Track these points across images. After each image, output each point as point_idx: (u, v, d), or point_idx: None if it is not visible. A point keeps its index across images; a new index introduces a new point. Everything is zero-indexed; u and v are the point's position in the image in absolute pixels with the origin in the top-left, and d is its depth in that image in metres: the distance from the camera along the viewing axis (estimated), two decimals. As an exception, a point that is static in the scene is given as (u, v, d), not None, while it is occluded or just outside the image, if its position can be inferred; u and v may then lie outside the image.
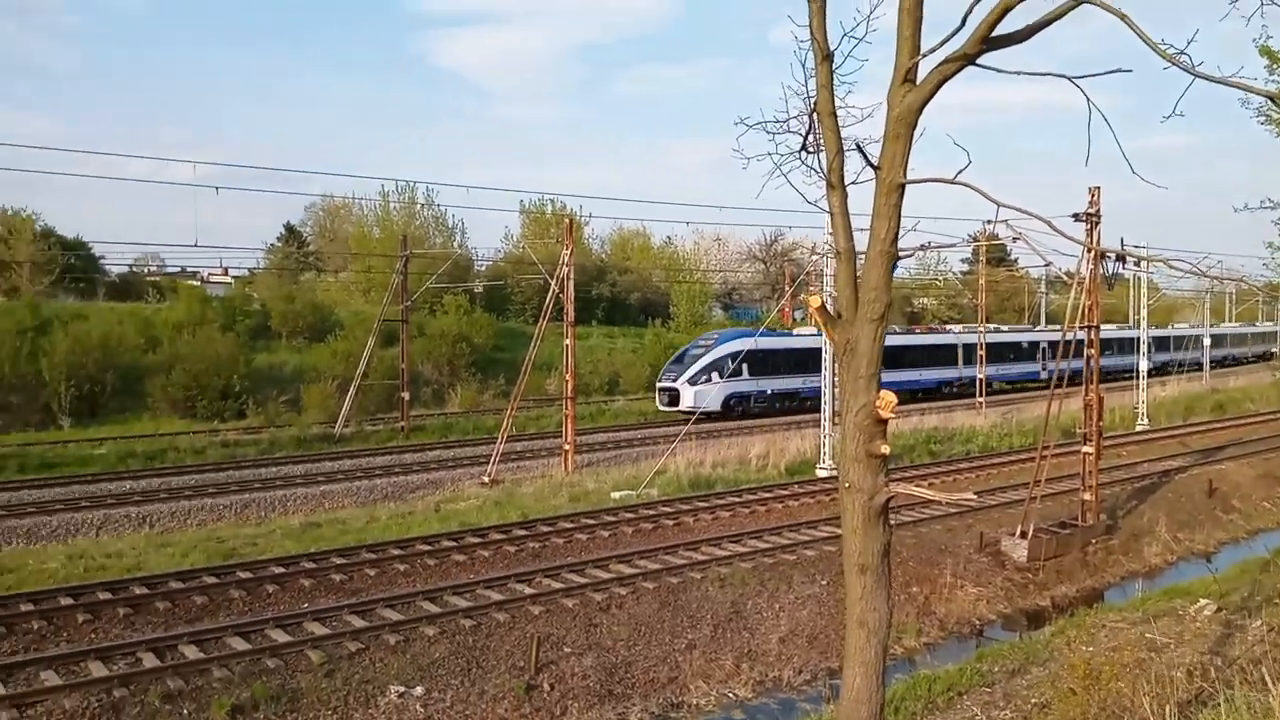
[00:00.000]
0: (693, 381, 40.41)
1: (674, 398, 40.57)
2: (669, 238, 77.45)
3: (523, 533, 20.11)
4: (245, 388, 37.23)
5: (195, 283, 55.39)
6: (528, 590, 16.23)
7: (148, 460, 29.29)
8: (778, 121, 7.49)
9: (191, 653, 13.29)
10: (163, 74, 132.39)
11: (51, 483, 25.55)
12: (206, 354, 37.51)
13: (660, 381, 42.34)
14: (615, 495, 24.20)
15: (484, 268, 64.57)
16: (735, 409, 41.24)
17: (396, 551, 18.46)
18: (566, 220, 33.62)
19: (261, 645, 13.56)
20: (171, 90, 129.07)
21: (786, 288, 59.67)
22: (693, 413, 35.41)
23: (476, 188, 72.81)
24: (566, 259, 28.46)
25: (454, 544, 19.11)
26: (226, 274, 53.37)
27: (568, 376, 28.86)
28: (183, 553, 18.67)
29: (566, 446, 28.42)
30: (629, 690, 13.92)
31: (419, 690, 12.93)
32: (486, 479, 26.27)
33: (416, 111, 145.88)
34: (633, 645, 14.88)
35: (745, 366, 40.84)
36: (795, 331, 46.71)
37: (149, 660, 12.99)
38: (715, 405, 40.13)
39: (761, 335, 43.50)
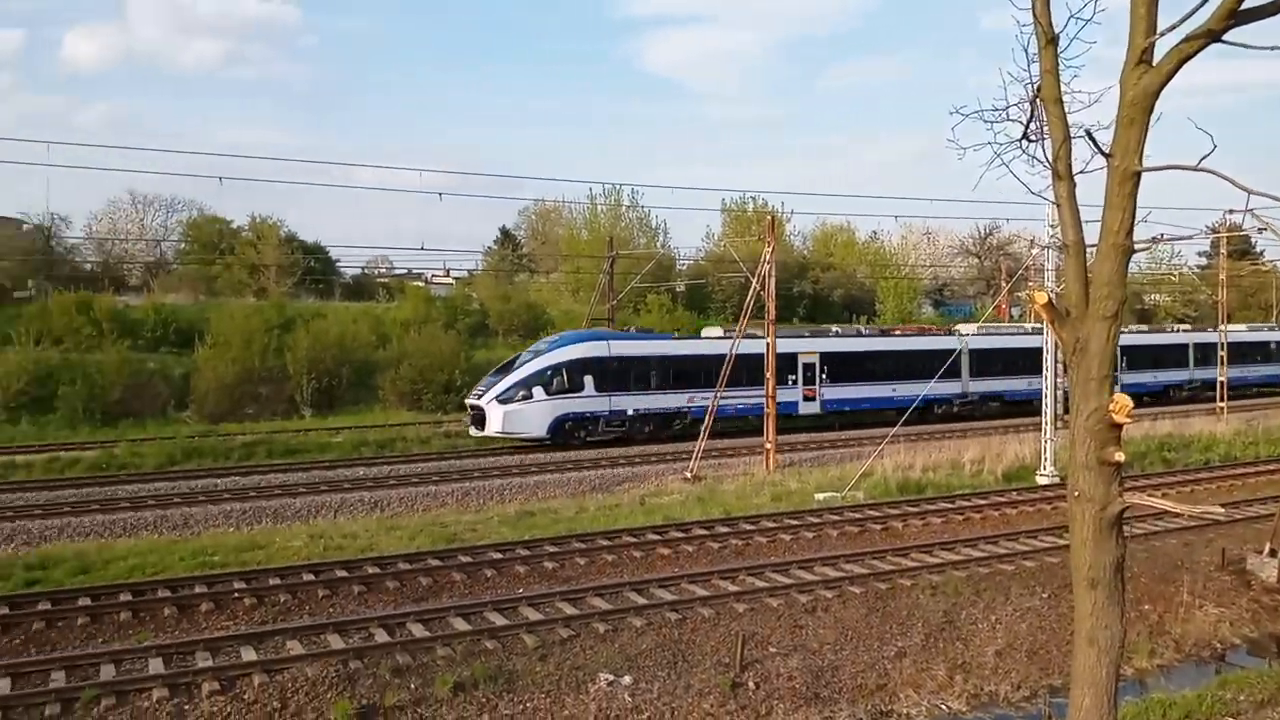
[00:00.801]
0: (504, 399, 30.92)
1: (479, 418, 31.27)
2: (874, 232, 75.85)
3: (725, 530, 20.20)
4: (466, 382, 39.35)
5: (420, 284, 59.01)
6: (732, 587, 16.29)
7: (379, 449, 31.49)
8: (996, 110, 7.23)
9: (418, 630, 14.17)
10: (390, 87, 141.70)
11: (295, 468, 27.94)
12: (431, 350, 40.04)
13: (469, 398, 32.81)
14: (819, 496, 23.89)
15: (685, 267, 65.31)
16: (574, 434, 31.94)
17: (604, 542, 18.99)
18: (768, 217, 33.46)
19: (481, 627, 14.28)
20: (397, 102, 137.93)
21: (1003, 283, 56.98)
22: (514, 438, 30.47)
23: (680, 188, 74.67)
24: (768, 256, 28.33)
25: (659, 538, 19.44)
26: (448, 275, 56.68)
27: (768, 375, 28.74)
28: (410, 536, 19.95)
29: (768, 445, 28.31)
30: (836, 694, 13.71)
31: (627, 679, 13.24)
32: (689, 475, 26.56)
33: (624, 115, 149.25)
34: (839, 649, 14.65)
35: (590, 379, 31.93)
36: (704, 332, 38.12)
37: (380, 635, 13.95)
38: (538, 430, 31.19)
39: (623, 338, 34.76)
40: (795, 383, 35.52)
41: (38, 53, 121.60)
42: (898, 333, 42.77)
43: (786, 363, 34.46)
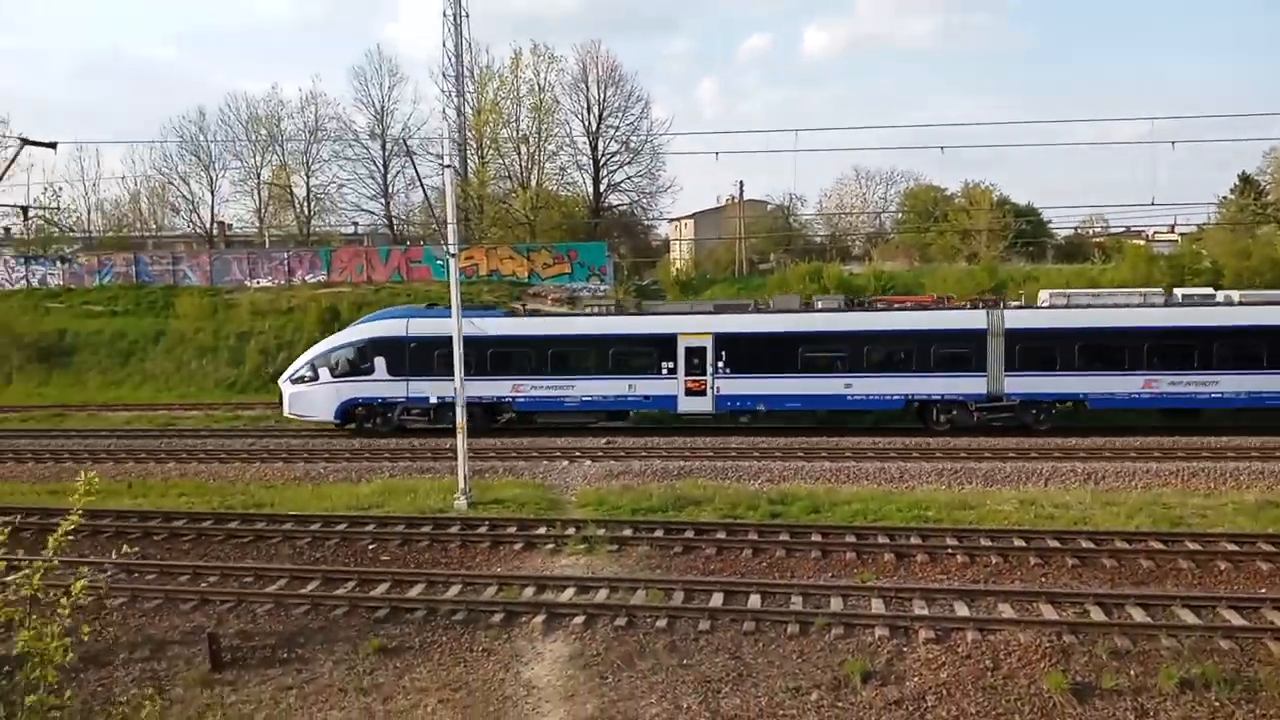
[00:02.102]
0: (296, 379, 29.74)
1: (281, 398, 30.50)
2: None
3: None
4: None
5: (1140, 242, 54.38)
6: None
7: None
8: None
9: (1138, 615, 13.30)
10: (1110, 34, 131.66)
11: (1001, 431, 27.75)
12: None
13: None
14: None
15: None
16: (369, 421, 29.44)
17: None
18: None
19: (1213, 624, 12.90)
20: (1117, 50, 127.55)
21: None
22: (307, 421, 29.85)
23: None
24: None
25: None
26: (1173, 231, 51.17)
27: None
28: (1128, 514, 18.75)
29: None
30: None
31: None
32: None
33: None
34: None
35: (382, 361, 28.92)
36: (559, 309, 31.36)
37: (1096, 614, 13.39)
38: (325, 414, 29.55)
39: (427, 316, 29.32)
40: (673, 371, 28.53)
41: (779, 50, 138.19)
42: (880, 305, 31.25)
43: (656, 346, 28.63)
